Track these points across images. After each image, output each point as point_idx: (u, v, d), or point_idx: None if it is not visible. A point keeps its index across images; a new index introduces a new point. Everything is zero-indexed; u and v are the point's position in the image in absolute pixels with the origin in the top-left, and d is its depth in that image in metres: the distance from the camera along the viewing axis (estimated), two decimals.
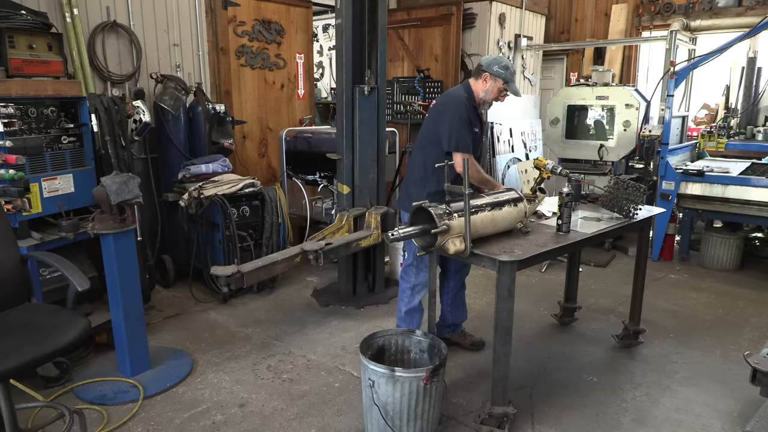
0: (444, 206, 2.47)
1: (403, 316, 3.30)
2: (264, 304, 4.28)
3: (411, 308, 3.28)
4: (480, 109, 3.15)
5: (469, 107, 3.05)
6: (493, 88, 3.07)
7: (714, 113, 6.69)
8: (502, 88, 3.07)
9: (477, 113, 3.11)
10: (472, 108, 3.07)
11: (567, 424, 2.76)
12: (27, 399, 2.84)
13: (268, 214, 4.40)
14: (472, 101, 3.09)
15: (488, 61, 3.08)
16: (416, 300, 3.26)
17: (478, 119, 3.11)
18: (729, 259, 5.09)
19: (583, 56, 7.31)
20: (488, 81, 3.07)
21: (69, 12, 3.90)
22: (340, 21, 3.91)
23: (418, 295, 3.25)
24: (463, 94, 3.10)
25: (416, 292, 3.25)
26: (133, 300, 3.09)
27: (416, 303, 3.27)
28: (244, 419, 2.78)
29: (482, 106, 3.15)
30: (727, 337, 3.71)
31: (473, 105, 3.09)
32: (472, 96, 3.11)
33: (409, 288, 3.26)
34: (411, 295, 3.26)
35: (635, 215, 3.14)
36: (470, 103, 3.08)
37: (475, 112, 3.09)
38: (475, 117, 3.08)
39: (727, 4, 6.18)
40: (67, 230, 3.16)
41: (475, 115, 3.09)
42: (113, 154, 3.64)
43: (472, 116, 3.05)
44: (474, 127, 3.07)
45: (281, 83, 5.69)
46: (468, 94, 3.11)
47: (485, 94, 3.09)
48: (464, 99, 3.07)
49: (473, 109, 3.08)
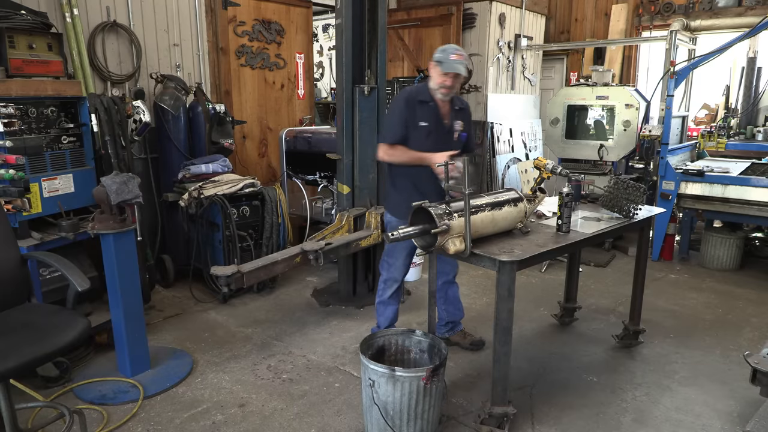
0: (444, 206, 2.47)
1: (375, 306, 3.44)
2: (264, 304, 4.29)
3: (381, 300, 3.38)
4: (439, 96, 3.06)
5: (411, 99, 3.06)
6: (435, 75, 3.03)
7: (714, 113, 6.69)
8: (441, 71, 3.00)
9: (429, 106, 3.07)
10: (417, 101, 3.06)
11: (567, 424, 2.76)
12: (27, 399, 2.84)
13: (268, 214, 4.40)
14: (421, 95, 3.08)
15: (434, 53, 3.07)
16: (387, 294, 3.35)
17: (431, 112, 3.07)
18: (729, 259, 5.09)
19: (583, 56, 7.31)
20: (432, 70, 3.05)
21: (69, 12, 3.90)
22: (340, 21, 3.91)
23: (389, 289, 3.33)
24: (410, 89, 3.16)
25: (387, 286, 3.34)
26: (133, 300, 3.09)
27: (386, 296, 3.35)
28: (244, 419, 2.78)
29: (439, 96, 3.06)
30: (727, 337, 3.71)
31: (422, 99, 3.07)
32: (425, 89, 3.10)
33: (382, 281, 3.37)
34: (383, 288, 3.36)
35: (635, 215, 3.14)
36: (415, 96, 3.07)
37: (426, 105, 3.06)
38: (424, 110, 3.06)
39: (727, 4, 6.19)
40: (67, 230, 3.16)
41: (426, 108, 3.06)
42: (113, 154, 3.64)
43: (416, 109, 3.05)
44: (420, 120, 3.05)
45: (281, 83, 5.69)
46: (419, 88, 3.13)
47: (434, 84, 3.05)
48: (407, 92, 3.11)
49: (420, 102, 3.06)
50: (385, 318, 3.39)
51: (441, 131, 3.10)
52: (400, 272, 3.31)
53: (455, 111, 3.17)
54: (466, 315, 4.08)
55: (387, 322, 3.38)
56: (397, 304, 3.42)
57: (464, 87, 6.66)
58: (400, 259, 3.27)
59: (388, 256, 3.31)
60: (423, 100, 3.07)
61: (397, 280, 3.33)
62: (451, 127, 3.15)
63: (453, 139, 3.16)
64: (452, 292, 3.50)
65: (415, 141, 3.05)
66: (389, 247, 3.28)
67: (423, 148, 3.02)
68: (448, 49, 3.01)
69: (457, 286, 3.52)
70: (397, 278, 3.32)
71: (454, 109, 3.16)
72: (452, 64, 2.95)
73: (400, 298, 3.47)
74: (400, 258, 3.27)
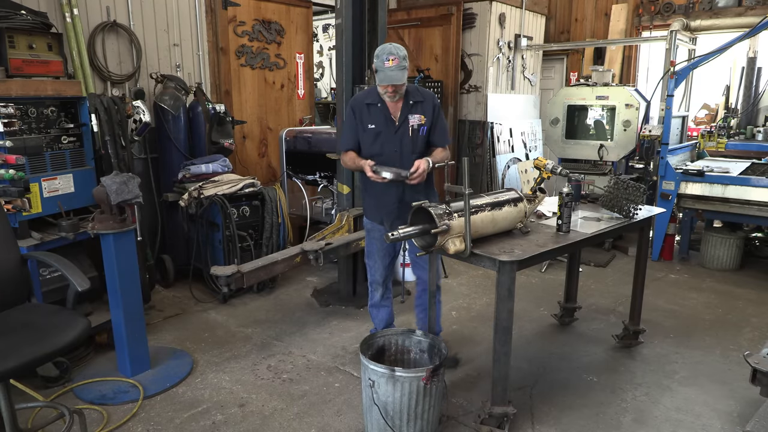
0: (444, 206, 2.47)
1: (369, 309, 3.40)
2: (264, 304, 4.29)
3: (372, 304, 3.33)
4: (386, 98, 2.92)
5: (357, 105, 3.00)
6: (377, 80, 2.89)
7: (714, 113, 6.69)
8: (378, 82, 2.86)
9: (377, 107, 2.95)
10: (364, 105, 2.98)
11: (567, 424, 2.76)
12: (27, 399, 2.84)
13: (268, 214, 4.40)
14: (368, 98, 2.99)
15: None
16: (375, 297, 3.29)
17: (379, 114, 2.95)
18: (729, 259, 5.09)
19: (583, 56, 7.31)
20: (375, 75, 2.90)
21: (69, 12, 3.90)
22: (340, 21, 3.91)
23: (376, 293, 3.28)
24: (360, 94, 3.12)
25: (373, 289, 3.28)
26: (133, 300, 3.09)
27: (375, 299, 3.29)
28: (244, 419, 2.78)
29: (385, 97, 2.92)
30: (727, 337, 3.71)
31: (370, 101, 2.97)
32: (374, 91, 2.98)
33: (369, 284, 3.32)
34: (371, 291, 3.30)
35: (635, 215, 3.14)
36: (362, 100, 3.00)
37: (374, 107, 2.95)
38: (372, 112, 2.96)
39: (727, 4, 6.18)
40: (67, 230, 3.16)
41: (374, 110, 2.96)
42: (113, 154, 3.64)
43: (363, 113, 2.98)
44: (368, 123, 2.96)
45: (281, 83, 5.69)
46: (367, 92, 3.07)
47: (378, 87, 2.92)
48: (354, 98, 3.08)
49: (368, 105, 2.97)
50: (380, 320, 3.34)
51: (390, 131, 2.97)
52: (380, 274, 3.22)
53: (409, 105, 2.98)
54: (466, 315, 4.10)
55: (383, 324, 3.34)
56: (389, 306, 3.35)
57: (464, 87, 6.67)
58: (377, 262, 3.20)
59: (368, 258, 3.26)
60: (370, 103, 2.98)
61: (380, 282, 3.24)
62: (404, 123, 2.97)
63: (408, 135, 2.99)
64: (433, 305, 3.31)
65: (366, 144, 3.01)
66: (367, 249, 3.25)
67: (373, 150, 2.97)
68: (382, 53, 2.80)
69: (439, 300, 3.33)
70: (378, 280, 3.23)
71: (408, 103, 2.97)
72: (387, 74, 2.79)
73: (392, 299, 3.39)
74: (377, 260, 3.20)
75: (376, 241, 3.17)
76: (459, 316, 4.08)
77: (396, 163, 2.94)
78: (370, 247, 3.23)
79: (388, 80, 2.82)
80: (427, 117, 3.01)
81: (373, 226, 3.16)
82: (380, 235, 3.07)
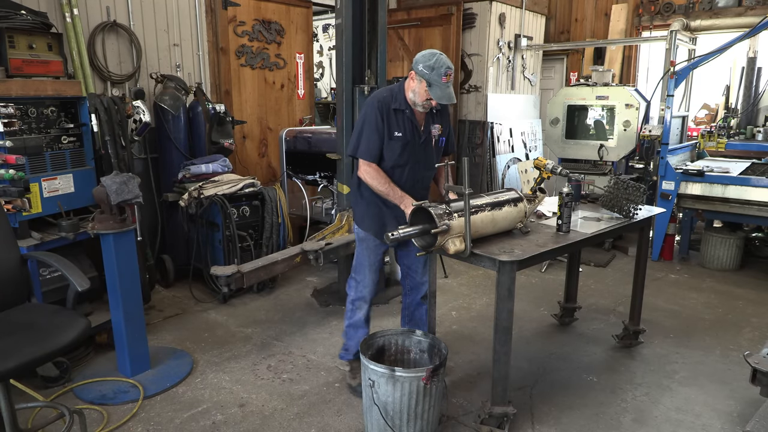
0: (444, 206, 2.47)
1: (344, 330, 3.09)
2: (264, 304, 4.28)
3: (352, 323, 3.03)
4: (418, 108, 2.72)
5: (384, 108, 2.71)
6: (420, 90, 2.64)
7: (714, 113, 6.69)
8: (428, 91, 2.63)
9: (405, 114, 2.73)
10: (391, 110, 2.72)
11: (567, 424, 2.76)
12: (27, 399, 2.84)
13: (268, 214, 4.40)
14: (395, 102, 2.73)
15: (418, 57, 2.64)
16: (357, 316, 3.01)
17: (406, 121, 2.74)
18: (729, 259, 5.09)
19: (583, 56, 7.31)
20: (414, 80, 2.66)
21: (69, 12, 3.90)
22: (340, 21, 3.91)
23: (360, 311, 3.00)
24: (382, 95, 2.77)
25: (357, 308, 3.00)
26: (133, 300, 3.09)
27: (357, 319, 3.01)
28: (244, 419, 2.78)
29: (417, 107, 2.72)
30: (727, 337, 3.71)
31: (397, 107, 2.72)
32: (400, 95, 2.74)
33: (350, 302, 3.03)
34: (352, 310, 3.02)
35: (635, 215, 3.14)
36: (389, 104, 2.72)
37: (402, 114, 2.73)
38: (399, 119, 2.73)
39: (727, 4, 6.18)
40: (67, 230, 3.16)
41: (401, 116, 2.73)
42: (113, 154, 3.64)
43: (390, 118, 2.72)
44: (395, 130, 2.72)
45: (281, 83, 5.69)
46: (392, 94, 2.76)
47: (414, 95, 2.68)
48: (379, 99, 2.74)
49: (395, 111, 2.72)
50: (355, 342, 2.99)
51: (417, 141, 2.78)
52: (369, 291, 2.97)
53: (432, 115, 2.82)
54: (466, 315, 4.10)
55: (357, 347, 2.91)
56: (368, 327, 3.05)
57: (464, 87, 6.67)
58: (367, 276, 2.95)
59: (355, 272, 2.99)
60: (398, 108, 2.72)
61: (366, 300, 2.98)
62: (429, 134, 2.82)
63: (431, 147, 2.85)
64: (419, 314, 3.12)
65: (390, 154, 2.74)
66: (355, 262, 2.98)
67: (399, 161, 2.75)
68: (439, 67, 2.57)
69: (426, 309, 3.05)
70: (366, 298, 2.97)
71: (432, 113, 2.81)
72: (446, 91, 2.61)
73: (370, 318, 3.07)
74: (367, 275, 2.94)
75: (370, 253, 2.92)
76: (459, 316, 4.08)
77: (419, 176, 2.82)
78: (362, 259, 2.95)
79: (447, 99, 2.63)
80: (444, 126, 2.90)
81: (367, 236, 2.90)
82: (374, 245, 2.89)
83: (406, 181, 2.78)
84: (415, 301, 3.12)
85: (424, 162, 2.83)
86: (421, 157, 2.81)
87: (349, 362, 3.09)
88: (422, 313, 3.10)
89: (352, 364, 3.06)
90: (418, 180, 2.84)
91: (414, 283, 3.09)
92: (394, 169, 2.77)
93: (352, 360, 3.06)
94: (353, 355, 3.05)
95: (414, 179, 2.81)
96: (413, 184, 2.81)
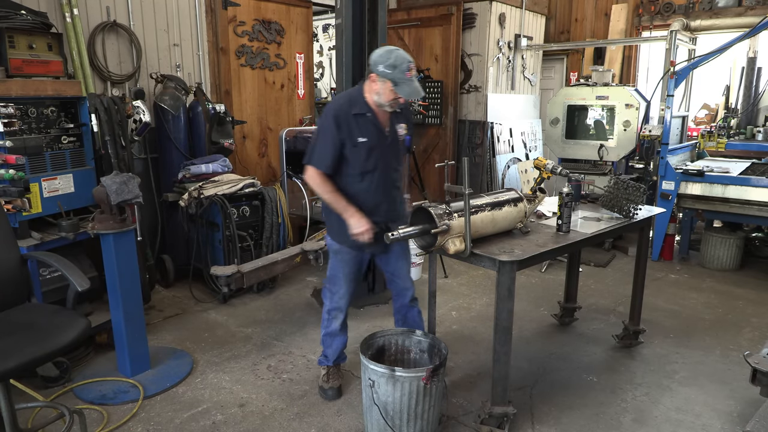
0: (444, 206, 2.47)
1: (322, 338, 3.03)
2: (264, 304, 4.29)
3: (328, 332, 2.97)
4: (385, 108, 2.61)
5: (343, 116, 2.59)
6: (385, 90, 2.53)
7: (714, 113, 6.69)
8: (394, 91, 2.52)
9: (367, 118, 2.62)
10: (351, 116, 2.60)
11: (567, 424, 2.76)
12: (27, 399, 2.84)
13: (268, 214, 4.40)
14: (355, 107, 2.61)
15: (375, 58, 2.52)
16: (334, 325, 2.94)
17: (369, 125, 2.63)
18: (729, 259, 5.09)
19: (583, 56, 7.31)
20: (376, 82, 2.54)
21: (69, 12, 3.90)
22: (340, 21, 3.91)
23: (336, 321, 2.92)
24: (339, 102, 2.66)
25: (332, 317, 2.93)
26: (133, 300, 3.09)
27: (333, 328, 2.94)
28: (244, 419, 2.78)
29: (384, 107, 2.61)
30: (727, 337, 3.71)
31: (357, 111, 2.61)
32: (360, 99, 2.63)
33: (325, 311, 2.96)
34: (328, 319, 2.95)
35: (635, 215, 3.14)
36: (347, 110, 2.60)
37: (363, 118, 2.62)
38: (361, 124, 2.61)
39: (727, 4, 6.18)
40: (67, 230, 3.16)
41: (364, 121, 2.62)
42: (113, 154, 3.64)
43: (351, 125, 2.60)
44: (358, 136, 2.60)
45: (281, 83, 5.69)
46: (350, 100, 2.65)
47: (378, 97, 2.57)
48: (336, 108, 2.62)
49: (355, 116, 2.61)
50: (333, 350, 2.99)
51: (384, 143, 2.67)
52: (344, 300, 2.89)
53: (396, 114, 2.71)
54: (466, 315, 4.10)
55: (336, 354, 3.00)
56: (345, 335, 3.02)
57: (464, 87, 6.67)
58: (343, 287, 2.86)
59: (330, 283, 2.91)
60: (359, 113, 2.61)
61: (342, 309, 2.91)
62: (395, 134, 2.73)
63: (398, 147, 2.76)
64: (411, 316, 3.01)
65: (356, 160, 2.63)
66: (330, 273, 2.90)
67: (367, 167, 2.64)
68: (401, 63, 2.48)
69: (418, 311, 3.02)
70: (342, 308, 2.90)
71: (395, 111, 2.69)
72: (413, 86, 2.51)
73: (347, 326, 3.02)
74: (343, 286, 2.86)
75: (344, 264, 2.83)
76: (459, 316, 4.08)
77: (390, 180, 2.73)
78: (336, 271, 2.86)
79: (416, 94, 2.54)
80: (408, 125, 2.82)
81: (342, 249, 2.81)
82: (350, 257, 2.81)
83: (377, 186, 2.69)
84: (405, 305, 3.01)
85: (392, 163, 2.75)
86: (389, 159, 2.72)
87: (327, 368, 3.03)
88: (415, 315, 3.02)
89: (330, 369, 3.03)
90: (389, 183, 2.75)
91: (399, 289, 2.97)
92: (364, 176, 2.67)
93: (330, 366, 3.03)
94: (332, 361, 3.01)
95: (385, 183, 2.72)
96: (384, 187, 2.72)
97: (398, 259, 2.90)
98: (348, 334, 3.05)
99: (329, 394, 2.97)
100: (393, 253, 2.87)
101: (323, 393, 3.00)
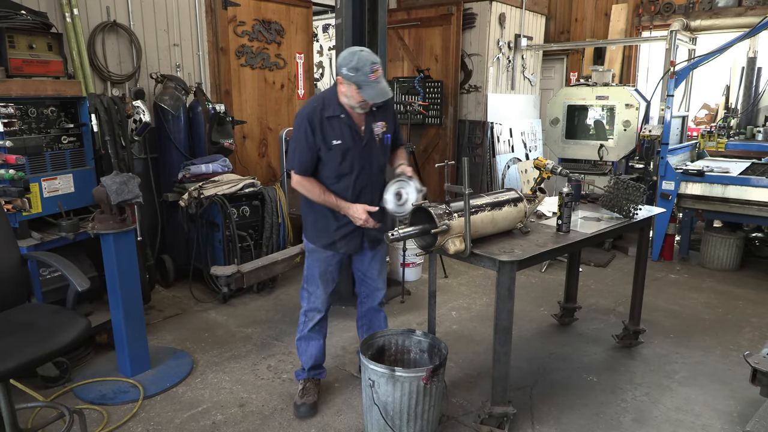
0: (444, 206, 2.47)
1: (296, 343, 2.96)
2: (264, 304, 4.29)
3: (303, 336, 2.89)
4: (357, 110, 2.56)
5: (315, 119, 2.54)
6: (352, 93, 2.47)
7: (714, 113, 6.69)
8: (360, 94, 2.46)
9: (341, 120, 2.57)
10: (324, 119, 2.55)
11: (567, 424, 2.76)
12: (27, 399, 2.84)
13: (268, 214, 4.40)
14: (327, 109, 2.56)
15: (339, 60, 2.48)
16: (308, 327, 2.87)
17: (344, 127, 2.57)
18: (729, 259, 5.09)
19: (583, 56, 7.31)
20: (343, 85, 2.49)
21: (69, 12, 3.90)
22: (340, 21, 3.91)
23: (311, 322, 2.85)
24: (311, 105, 2.60)
25: (309, 319, 2.86)
26: (133, 300, 3.09)
27: (308, 330, 2.87)
28: (244, 419, 2.78)
29: (356, 109, 2.55)
30: (727, 337, 3.71)
31: (330, 114, 2.56)
32: (333, 101, 2.57)
33: (302, 313, 2.88)
34: (304, 322, 2.88)
35: (635, 215, 3.14)
36: (319, 113, 2.55)
37: (337, 120, 2.56)
38: (335, 126, 2.56)
39: (727, 4, 6.18)
40: (67, 230, 3.16)
41: (337, 123, 2.56)
42: (113, 154, 3.64)
43: (325, 127, 2.55)
44: (332, 139, 2.55)
45: (281, 83, 5.69)
46: (323, 102, 2.58)
47: (348, 99, 2.52)
48: (308, 111, 2.56)
49: (329, 119, 2.56)
50: (308, 356, 2.89)
51: (359, 145, 2.61)
52: (322, 302, 2.82)
53: (372, 114, 2.63)
54: (466, 315, 4.10)
55: (312, 361, 2.89)
56: (322, 339, 2.92)
57: (464, 87, 6.67)
58: (319, 287, 2.79)
59: (307, 284, 2.83)
60: (332, 115, 2.56)
61: (321, 310, 2.83)
62: (371, 134, 2.64)
63: (377, 147, 2.67)
64: (378, 321, 2.97)
65: (332, 163, 2.59)
66: (306, 273, 2.83)
67: (343, 169, 2.60)
68: (363, 66, 2.40)
69: (385, 316, 2.99)
70: (320, 309, 2.83)
71: (372, 111, 2.61)
72: (378, 89, 2.44)
73: (325, 331, 2.94)
74: (319, 286, 2.79)
75: (319, 264, 2.77)
76: (459, 316, 4.08)
77: (368, 181, 2.66)
78: (312, 270, 2.80)
79: (382, 96, 2.47)
80: (389, 122, 2.70)
81: (316, 249, 2.77)
82: (324, 257, 2.75)
83: (354, 189, 2.64)
84: (373, 308, 2.95)
85: (370, 165, 2.66)
86: (367, 161, 2.64)
87: (303, 381, 2.91)
88: (381, 320, 2.97)
89: (306, 383, 2.89)
90: (367, 185, 2.67)
91: (370, 290, 2.92)
92: (340, 178, 2.62)
93: (306, 379, 2.91)
94: (307, 373, 2.90)
95: (363, 185, 2.65)
96: (362, 189, 2.66)
97: (372, 260, 2.84)
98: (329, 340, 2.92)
99: (301, 411, 2.79)
100: (367, 254, 2.81)
101: (296, 410, 2.81)
